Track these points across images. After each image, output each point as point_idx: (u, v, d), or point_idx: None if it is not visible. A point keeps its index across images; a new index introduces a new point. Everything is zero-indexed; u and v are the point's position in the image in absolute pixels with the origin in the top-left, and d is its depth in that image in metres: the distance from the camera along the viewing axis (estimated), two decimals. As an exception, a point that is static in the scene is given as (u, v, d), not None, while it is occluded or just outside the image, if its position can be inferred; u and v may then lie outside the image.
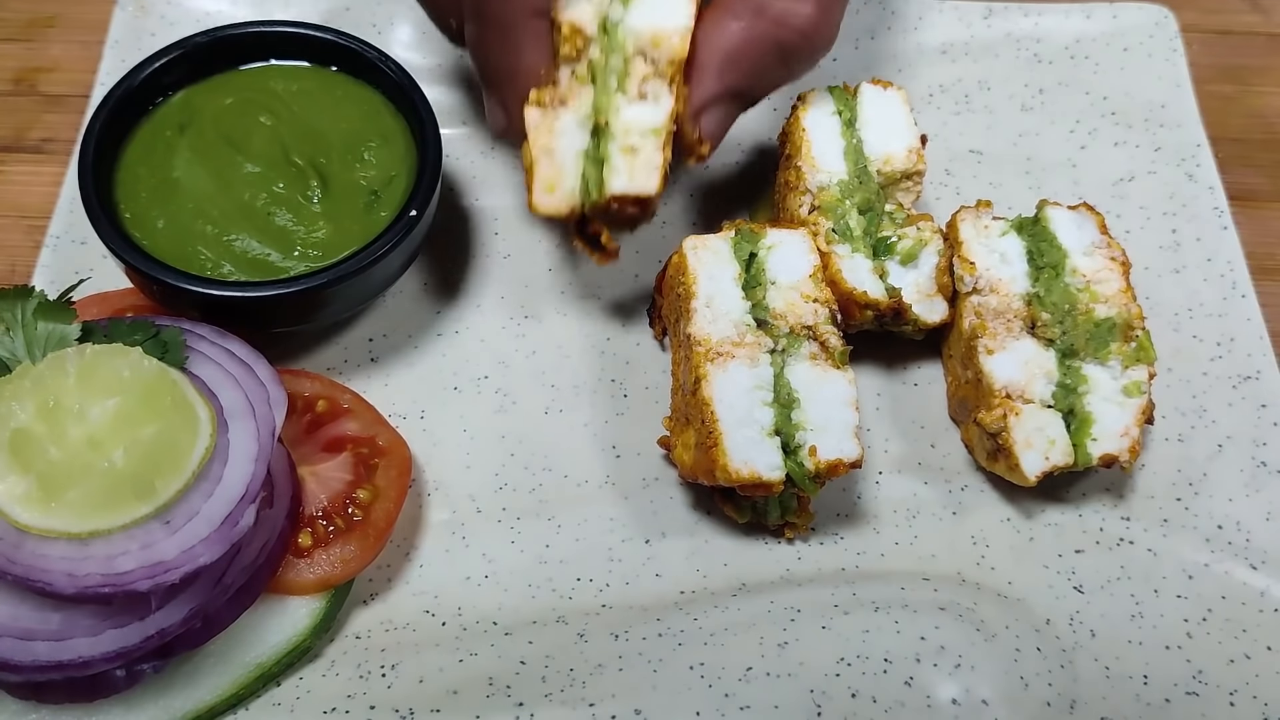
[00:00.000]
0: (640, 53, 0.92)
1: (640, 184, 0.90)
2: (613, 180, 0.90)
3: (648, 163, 0.91)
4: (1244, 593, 0.92)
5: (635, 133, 0.91)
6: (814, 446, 0.86)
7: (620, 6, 0.93)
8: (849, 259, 0.98)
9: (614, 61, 0.93)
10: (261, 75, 1.04)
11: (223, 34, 1.03)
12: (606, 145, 0.91)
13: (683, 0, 0.93)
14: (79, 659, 0.76)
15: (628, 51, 0.92)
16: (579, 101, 0.93)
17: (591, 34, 0.93)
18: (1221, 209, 1.10)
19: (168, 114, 1.01)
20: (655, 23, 0.92)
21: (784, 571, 0.93)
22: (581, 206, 0.92)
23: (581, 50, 0.93)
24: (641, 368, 1.03)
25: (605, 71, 0.93)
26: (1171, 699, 0.87)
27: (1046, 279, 0.97)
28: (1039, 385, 0.94)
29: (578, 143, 0.92)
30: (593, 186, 0.91)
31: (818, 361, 0.90)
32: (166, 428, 0.79)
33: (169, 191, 0.97)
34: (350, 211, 0.97)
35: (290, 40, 1.04)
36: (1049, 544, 0.95)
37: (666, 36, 0.92)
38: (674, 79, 0.93)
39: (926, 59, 1.21)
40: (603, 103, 0.92)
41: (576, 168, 0.92)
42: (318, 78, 1.04)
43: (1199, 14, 1.30)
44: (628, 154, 0.91)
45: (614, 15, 0.92)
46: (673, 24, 0.92)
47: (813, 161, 1.01)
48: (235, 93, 1.02)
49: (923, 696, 0.86)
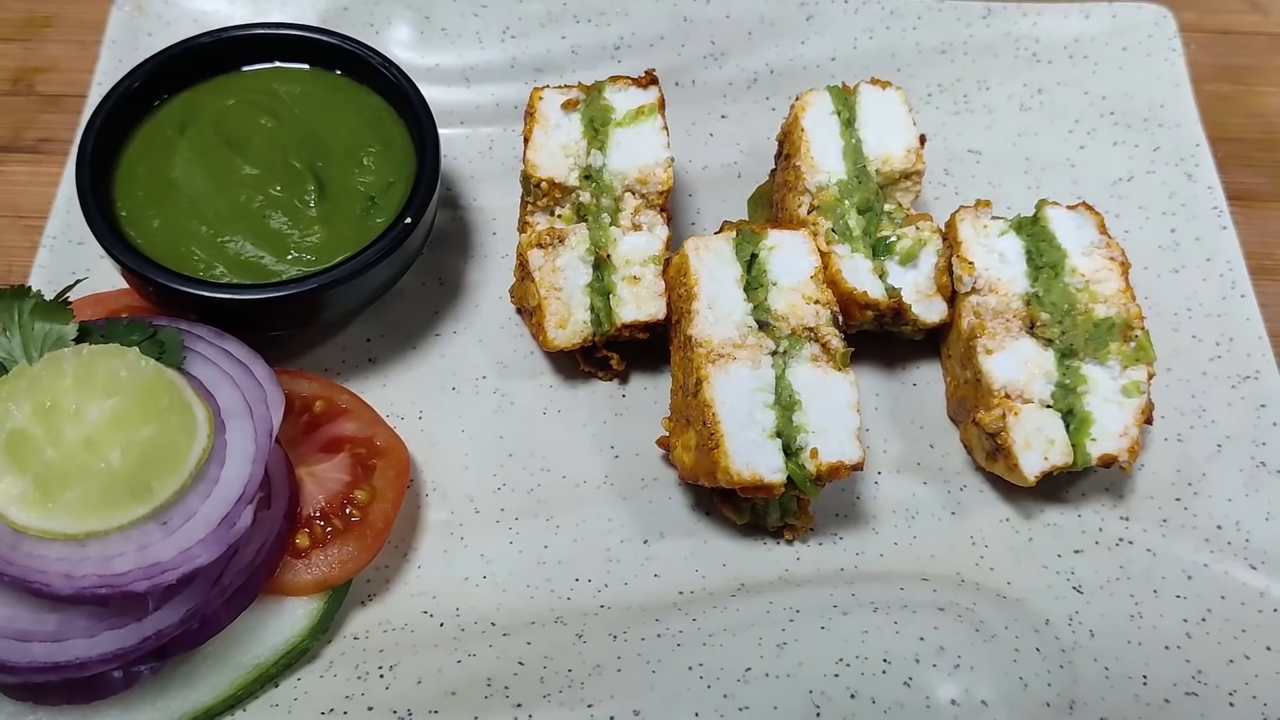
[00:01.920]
0: (629, 190, 0.99)
1: (648, 310, 0.97)
2: (622, 311, 0.97)
3: (651, 289, 0.98)
4: (1243, 593, 0.92)
5: (636, 263, 0.98)
6: (815, 449, 0.86)
7: (599, 154, 0.99)
8: (849, 259, 0.98)
9: (605, 202, 0.99)
10: (265, 77, 1.04)
11: (227, 35, 1.03)
12: (610, 277, 0.98)
13: (657, 134, 1.01)
14: (76, 660, 0.76)
15: (617, 192, 0.99)
16: (576, 238, 0.99)
17: (572, 185, 1.00)
18: (1220, 209, 1.10)
19: (170, 113, 1.01)
20: (637, 162, 1.00)
21: (783, 572, 0.93)
22: (593, 336, 0.97)
23: (560, 199, 1.00)
24: (640, 367, 1.03)
25: (598, 211, 0.99)
26: (1171, 699, 0.87)
27: (1045, 279, 0.97)
28: (1038, 385, 0.94)
29: (582, 277, 0.98)
30: (603, 317, 0.97)
31: (819, 363, 0.90)
32: (164, 429, 0.79)
33: (166, 191, 0.96)
34: (346, 217, 0.97)
35: (294, 43, 1.04)
36: (1048, 544, 0.94)
37: (651, 171, 0.99)
38: (664, 207, 1.00)
39: (925, 58, 1.21)
40: (599, 237, 0.99)
41: (584, 302, 0.98)
42: (321, 81, 1.04)
43: (1198, 14, 1.30)
44: (631, 284, 0.97)
45: (595, 163, 0.99)
46: (653, 159, 1.00)
47: (812, 161, 1.01)
48: (238, 94, 1.02)
49: (922, 697, 0.86)
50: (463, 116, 1.17)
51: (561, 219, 1.00)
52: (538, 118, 1.01)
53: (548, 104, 1.02)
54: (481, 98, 1.18)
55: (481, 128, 1.16)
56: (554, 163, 0.99)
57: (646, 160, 0.99)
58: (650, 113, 1.01)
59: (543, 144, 1.00)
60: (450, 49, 1.19)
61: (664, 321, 0.97)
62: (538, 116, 1.01)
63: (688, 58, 1.20)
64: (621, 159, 0.99)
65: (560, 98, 1.02)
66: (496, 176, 1.14)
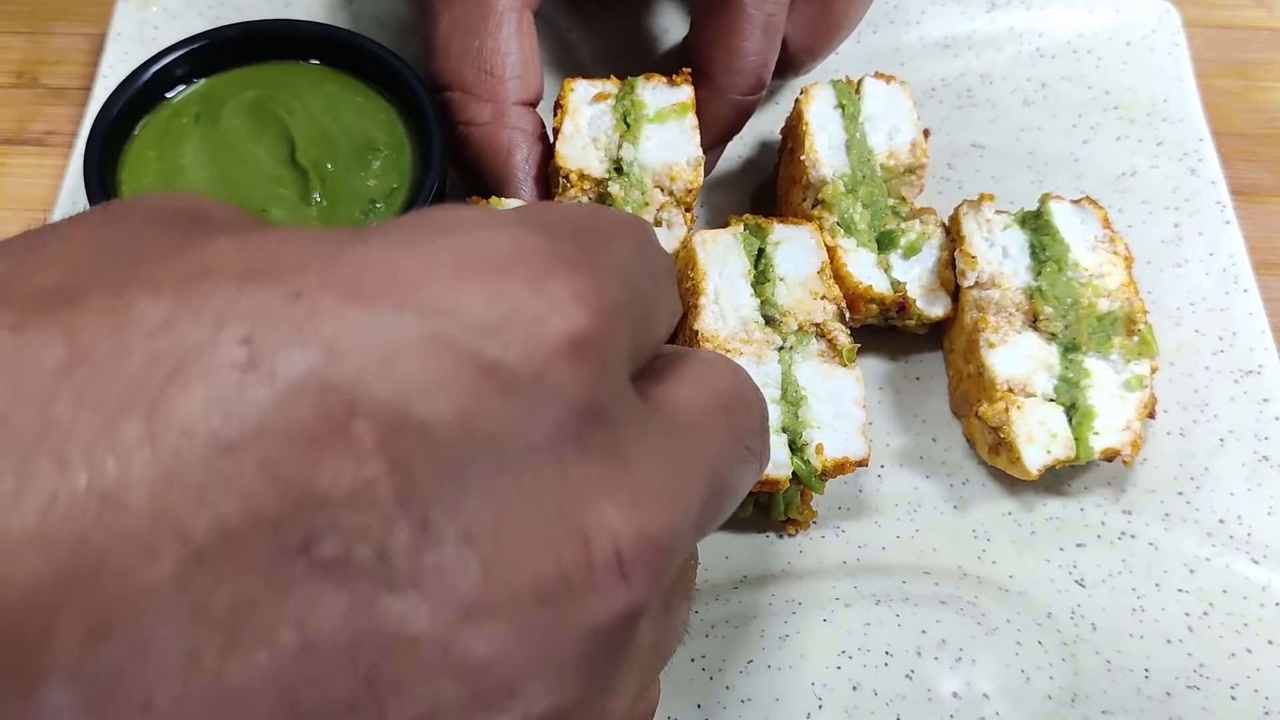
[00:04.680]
0: (657, 186, 0.99)
1: None
2: None
3: None
4: (1245, 587, 0.92)
5: None
6: (821, 444, 0.86)
7: (631, 148, 0.98)
8: (853, 253, 0.98)
9: (633, 195, 0.98)
10: (288, 73, 1.04)
11: (255, 29, 1.03)
12: None
13: (688, 133, 1.00)
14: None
15: (645, 186, 0.98)
16: None
17: (600, 176, 0.99)
18: (1224, 203, 1.10)
19: (189, 101, 1.01)
20: (668, 159, 0.99)
21: (785, 565, 0.93)
22: None
23: (588, 190, 0.99)
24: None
25: (624, 203, 0.99)
26: (1172, 692, 0.87)
27: (1049, 273, 0.97)
28: (1041, 379, 0.94)
29: None
30: None
31: (825, 359, 0.90)
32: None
33: (174, 178, 0.97)
34: (347, 219, 0.97)
35: (320, 42, 1.04)
36: (1050, 538, 0.94)
37: (681, 169, 0.98)
38: (689, 206, 1.00)
39: (929, 53, 1.21)
40: None
41: None
42: (340, 81, 1.04)
43: (1202, 8, 1.30)
44: None
45: (626, 156, 0.98)
46: (684, 157, 0.99)
47: (815, 155, 1.01)
48: (259, 87, 1.02)
49: (924, 689, 0.86)
50: (467, 110, 1.16)
51: None
52: (569, 109, 1.00)
53: (579, 95, 1.01)
54: (485, 91, 1.18)
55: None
56: (584, 154, 0.98)
57: (676, 158, 0.98)
58: (683, 111, 1.01)
59: (573, 135, 0.99)
60: (454, 42, 1.19)
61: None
62: (568, 108, 1.00)
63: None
64: (652, 154, 0.98)
65: (592, 90, 1.01)
66: (500, 170, 1.14)
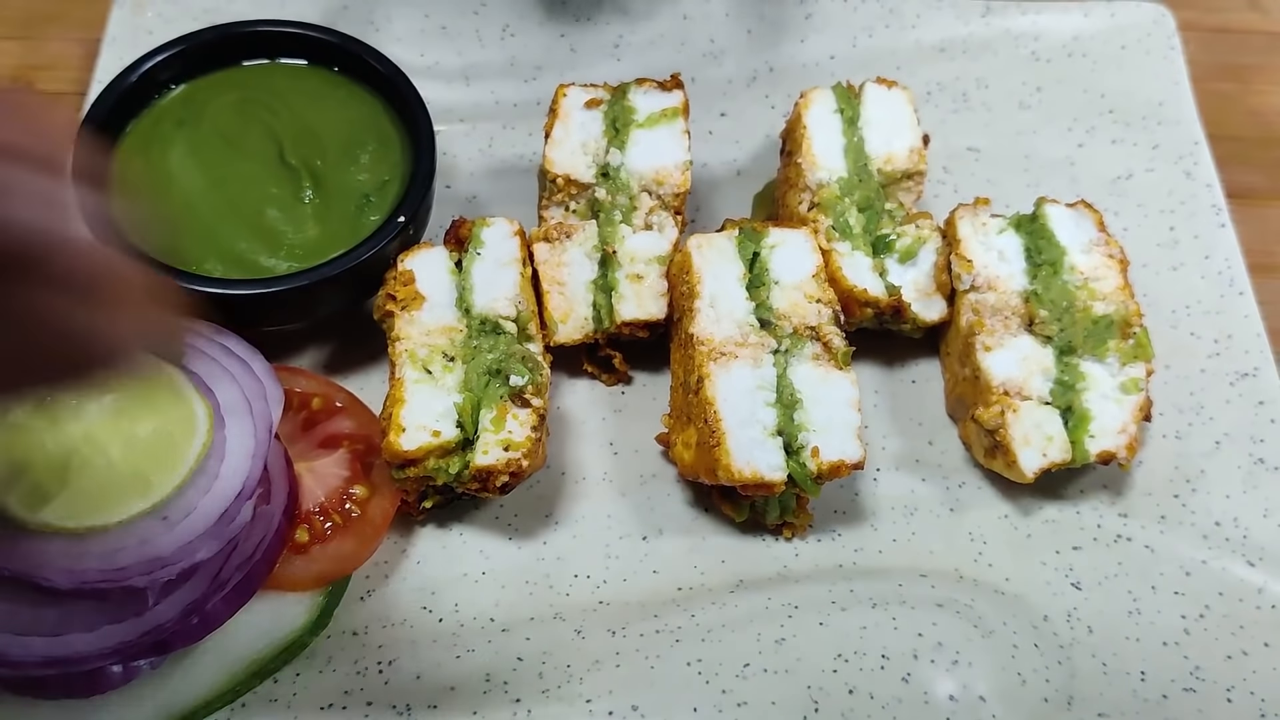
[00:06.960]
0: (645, 190, 1.00)
1: (649, 310, 0.97)
2: (623, 308, 0.96)
3: (653, 289, 0.98)
4: (1241, 589, 0.92)
5: (641, 261, 0.98)
6: (816, 447, 0.86)
7: (618, 153, 1.00)
8: (849, 257, 0.98)
9: (620, 200, 1.00)
10: (266, 73, 1.04)
11: (229, 30, 1.03)
12: (614, 274, 0.98)
13: (678, 137, 1.02)
14: (76, 655, 0.76)
15: (633, 190, 1.00)
16: (584, 234, 0.99)
17: (587, 181, 1.00)
18: (1219, 206, 1.10)
19: (169, 107, 1.01)
20: (657, 163, 1.01)
21: (781, 568, 0.93)
22: (594, 333, 0.97)
23: (576, 195, 1.01)
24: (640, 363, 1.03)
25: (611, 208, 1.00)
26: (1169, 695, 0.87)
27: (1045, 276, 0.97)
28: (1037, 382, 0.94)
29: (587, 273, 0.98)
30: (604, 314, 0.97)
31: (820, 362, 0.90)
32: (164, 424, 0.79)
33: (161, 184, 0.96)
34: (341, 214, 0.97)
35: (296, 40, 1.04)
36: (1046, 540, 0.94)
37: (669, 173, 1.00)
38: (680, 209, 1.00)
39: (924, 56, 1.21)
40: (608, 234, 0.99)
41: (587, 298, 0.98)
42: (320, 78, 1.04)
43: (1197, 12, 1.30)
44: (634, 281, 0.98)
45: (614, 161, 1.00)
46: (672, 161, 1.01)
47: (813, 159, 1.01)
48: (238, 89, 1.02)
49: (920, 693, 0.86)
50: (462, 114, 1.17)
51: (576, 214, 1.00)
52: (560, 114, 1.02)
53: (571, 101, 1.03)
54: (481, 95, 1.18)
55: (481, 124, 1.16)
56: (572, 159, 1.00)
57: (665, 162, 1.00)
58: (673, 116, 1.02)
59: (562, 140, 1.01)
60: (450, 47, 1.20)
61: (664, 321, 0.97)
62: (560, 113, 1.02)
63: (687, 55, 1.20)
64: (639, 159, 1.00)
65: (584, 95, 1.03)
66: (496, 174, 1.14)
